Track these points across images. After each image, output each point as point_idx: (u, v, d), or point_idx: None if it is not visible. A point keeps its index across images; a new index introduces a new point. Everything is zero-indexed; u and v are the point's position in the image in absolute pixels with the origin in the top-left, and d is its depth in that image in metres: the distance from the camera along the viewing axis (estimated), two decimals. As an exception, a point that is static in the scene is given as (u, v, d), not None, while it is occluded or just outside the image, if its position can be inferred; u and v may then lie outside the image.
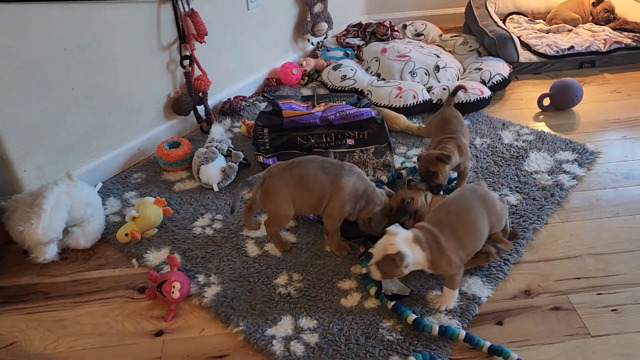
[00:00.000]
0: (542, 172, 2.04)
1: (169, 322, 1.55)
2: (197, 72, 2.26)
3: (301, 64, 2.71)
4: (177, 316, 1.57)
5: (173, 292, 1.54)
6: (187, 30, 2.15)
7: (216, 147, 2.04)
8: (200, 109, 2.34)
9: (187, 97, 2.26)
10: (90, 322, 1.57)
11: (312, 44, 2.88)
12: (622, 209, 1.88)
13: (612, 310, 1.53)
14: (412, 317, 1.49)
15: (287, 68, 2.65)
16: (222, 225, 1.88)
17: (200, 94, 2.29)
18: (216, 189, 2.01)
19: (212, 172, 2.00)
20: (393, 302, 1.53)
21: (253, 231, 1.83)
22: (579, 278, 1.63)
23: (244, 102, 2.51)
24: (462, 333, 1.44)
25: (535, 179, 2.01)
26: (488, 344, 1.41)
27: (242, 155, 2.08)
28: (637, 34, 2.76)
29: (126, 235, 1.79)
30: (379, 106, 2.37)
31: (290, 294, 1.60)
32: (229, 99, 2.47)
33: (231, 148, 2.12)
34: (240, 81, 2.57)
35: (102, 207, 1.88)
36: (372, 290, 1.58)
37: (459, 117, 1.98)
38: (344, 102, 2.29)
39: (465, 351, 1.43)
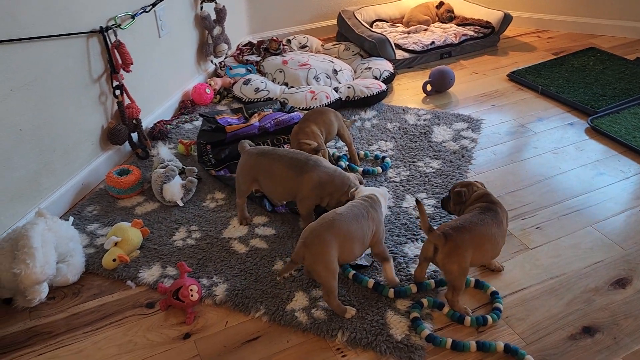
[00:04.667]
0: (448, 140, 2.49)
1: (192, 324, 1.64)
2: (126, 101, 2.31)
3: (210, 84, 2.87)
4: (196, 318, 1.66)
5: (192, 295, 1.64)
6: (116, 61, 2.20)
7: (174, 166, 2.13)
8: (133, 136, 2.39)
9: (122, 126, 2.29)
10: (112, 344, 1.59)
11: (215, 64, 3.05)
12: (513, 157, 2.40)
13: (536, 228, 1.99)
14: (372, 282, 1.72)
15: (200, 89, 2.79)
16: (201, 234, 1.98)
17: (134, 122, 2.33)
18: (181, 204, 2.10)
19: (175, 189, 2.08)
20: (353, 272, 1.76)
21: (237, 232, 1.99)
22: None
23: (168, 126, 2.59)
24: (414, 287, 1.71)
25: (445, 146, 2.44)
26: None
27: (196, 170, 2.19)
28: (477, 27, 3.43)
29: (114, 260, 1.81)
30: (299, 110, 2.64)
31: (292, 275, 1.79)
32: (155, 124, 2.54)
33: (183, 166, 2.22)
34: (159, 106, 2.64)
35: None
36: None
37: (319, 112, 2.24)
38: (271, 110, 2.52)
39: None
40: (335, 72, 2.94)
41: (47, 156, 2.00)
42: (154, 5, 2.40)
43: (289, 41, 3.34)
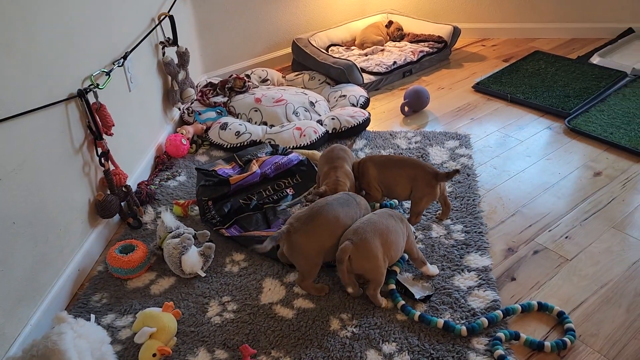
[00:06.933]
0: (447, 160, 2.48)
1: (269, 413, 1.46)
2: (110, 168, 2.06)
3: (182, 133, 2.65)
4: (271, 404, 1.49)
5: (265, 380, 1.46)
6: (99, 126, 1.95)
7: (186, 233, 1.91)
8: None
9: (112, 196, 2.03)
10: None
11: (183, 111, 2.83)
12: (512, 169, 2.43)
13: (565, 238, 2.02)
14: (441, 321, 1.65)
15: (175, 140, 2.56)
16: (237, 304, 1.79)
17: (123, 189, 2.08)
18: (202, 274, 1.89)
19: (194, 259, 1.87)
20: (419, 314, 1.68)
21: (275, 295, 1.82)
22: (530, 225, 2.09)
23: (152, 186, 2.35)
24: (485, 321, 1.65)
25: (447, 167, 2.43)
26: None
27: (209, 234, 1.99)
28: (430, 42, 3.49)
29: (154, 355, 1.57)
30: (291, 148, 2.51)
31: (354, 332, 1.66)
32: (139, 188, 2.29)
33: (195, 231, 2.01)
34: (137, 166, 2.39)
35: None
36: (399, 305, 1.75)
37: (344, 150, 2.17)
38: (264, 154, 2.37)
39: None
40: (312, 104, 2.84)
41: (41, 247, 1.71)
42: (125, 57, 2.17)
43: (248, 76, 3.19)
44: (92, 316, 1.61)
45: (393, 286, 1.79)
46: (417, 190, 2.00)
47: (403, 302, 1.74)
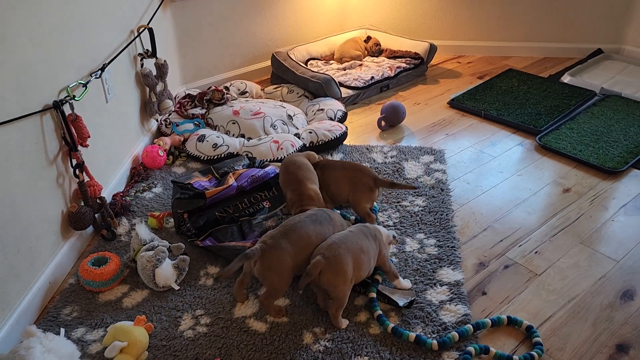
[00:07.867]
0: (422, 175, 2.52)
1: None
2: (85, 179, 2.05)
3: (159, 145, 2.65)
4: (242, 419, 1.48)
5: (236, 395, 1.46)
6: (75, 137, 1.94)
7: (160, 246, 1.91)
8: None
9: (86, 208, 2.02)
10: None
11: (160, 122, 2.82)
12: (485, 184, 2.48)
13: (535, 253, 2.06)
14: (413, 335, 1.67)
15: (152, 152, 2.56)
16: (210, 318, 1.79)
17: (98, 200, 2.07)
18: (176, 287, 1.88)
19: (168, 272, 1.87)
20: (392, 326, 1.70)
21: (243, 304, 1.84)
22: (501, 240, 2.13)
23: (127, 198, 2.34)
24: (456, 335, 1.68)
25: (421, 182, 2.47)
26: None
27: (183, 246, 1.98)
28: (407, 59, 3.55)
29: (124, 370, 1.56)
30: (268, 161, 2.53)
31: (327, 346, 1.67)
32: (114, 199, 2.28)
33: (169, 243, 2.00)
34: (113, 178, 2.37)
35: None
36: (376, 314, 1.76)
37: (304, 168, 2.13)
38: (241, 167, 2.38)
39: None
40: (289, 117, 2.86)
41: (11, 259, 1.69)
42: (102, 69, 2.17)
43: (227, 88, 3.20)
44: (62, 330, 1.59)
45: (374, 294, 1.82)
46: (355, 193, 2.09)
47: (380, 311, 1.76)
